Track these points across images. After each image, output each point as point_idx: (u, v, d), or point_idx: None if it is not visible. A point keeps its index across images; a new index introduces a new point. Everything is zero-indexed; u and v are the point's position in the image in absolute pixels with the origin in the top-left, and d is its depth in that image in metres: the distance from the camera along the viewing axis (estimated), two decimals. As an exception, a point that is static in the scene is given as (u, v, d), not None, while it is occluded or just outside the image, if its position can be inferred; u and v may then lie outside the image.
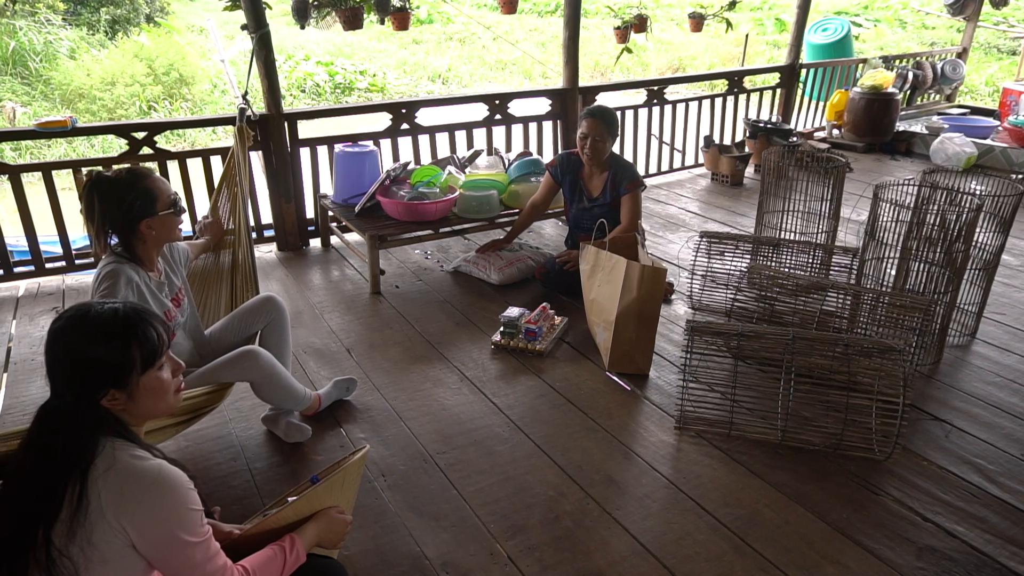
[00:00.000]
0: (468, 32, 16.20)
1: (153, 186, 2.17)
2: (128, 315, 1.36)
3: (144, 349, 1.36)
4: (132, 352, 1.34)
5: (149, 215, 2.15)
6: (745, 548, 2.08)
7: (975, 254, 3.14)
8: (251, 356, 2.32)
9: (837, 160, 3.67)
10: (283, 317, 2.62)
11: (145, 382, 1.37)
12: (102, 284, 2.08)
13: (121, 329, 1.34)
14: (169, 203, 2.20)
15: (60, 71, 10.81)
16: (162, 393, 1.41)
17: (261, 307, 2.59)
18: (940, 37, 14.87)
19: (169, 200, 2.20)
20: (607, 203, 3.60)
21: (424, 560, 2.04)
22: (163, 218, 2.18)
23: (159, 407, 1.43)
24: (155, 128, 4.06)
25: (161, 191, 2.19)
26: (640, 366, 3.00)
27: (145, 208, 2.14)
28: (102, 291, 2.06)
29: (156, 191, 2.17)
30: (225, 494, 2.29)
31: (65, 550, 1.23)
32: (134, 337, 1.35)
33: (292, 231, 4.46)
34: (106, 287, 2.07)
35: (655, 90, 5.80)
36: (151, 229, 2.17)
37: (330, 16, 4.39)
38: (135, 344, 1.35)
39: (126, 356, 1.34)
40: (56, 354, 1.34)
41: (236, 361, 2.30)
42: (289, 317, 2.66)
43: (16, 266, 3.92)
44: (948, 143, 6.07)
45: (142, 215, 2.14)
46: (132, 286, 2.12)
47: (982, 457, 2.48)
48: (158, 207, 2.17)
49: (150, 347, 1.36)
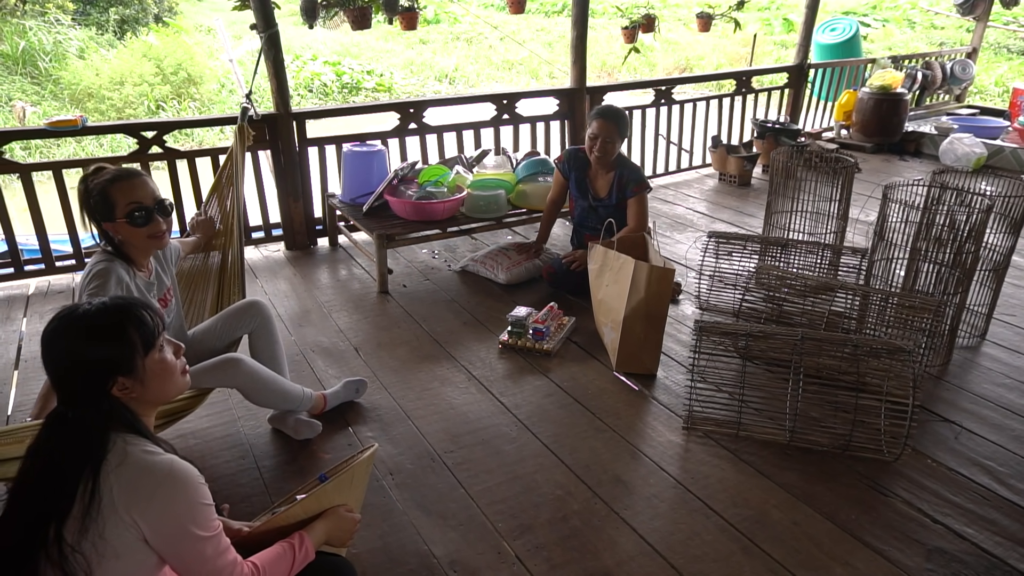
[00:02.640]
0: (475, 32, 16.21)
1: (114, 192, 2.10)
2: (117, 305, 1.38)
3: (141, 331, 1.37)
4: (131, 336, 1.36)
5: (108, 220, 2.12)
6: (753, 548, 2.07)
7: (985, 255, 3.12)
8: (233, 363, 2.30)
9: (846, 160, 3.66)
10: (269, 321, 2.58)
11: (150, 364, 1.38)
12: (92, 282, 2.06)
13: (114, 320, 1.35)
14: (127, 211, 2.11)
15: (69, 71, 10.86)
16: (169, 374, 1.43)
17: (245, 311, 2.56)
18: (949, 37, 14.80)
19: (128, 208, 2.11)
20: (612, 204, 3.59)
21: (432, 558, 2.04)
22: (120, 225, 2.13)
23: (169, 388, 1.44)
24: (164, 127, 4.08)
25: (120, 199, 2.10)
26: (648, 366, 3.00)
27: (103, 213, 2.11)
28: (91, 289, 2.05)
29: (114, 198, 2.10)
30: (233, 492, 2.30)
31: (77, 546, 1.24)
32: (130, 322, 1.36)
33: (300, 230, 4.47)
34: (95, 286, 2.05)
35: (663, 90, 5.79)
36: (116, 233, 2.14)
37: (338, 16, 4.40)
38: (132, 328, 1.36)
39: (126, 342, 1.35)
40: (55, 360, 1.35)
41: (218, 368, 2.28)
42: (280, 320, 2.62)
43: (26, 264, 3.94)
44: (957, 144, 6.04)
45: (103, 218, 2.12)
46: (122, 286, 2.11)
47: (992, 459, 2.47)
48: (115, 214, 2.11)
49: (147, 329, 1.38)
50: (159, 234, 2.20)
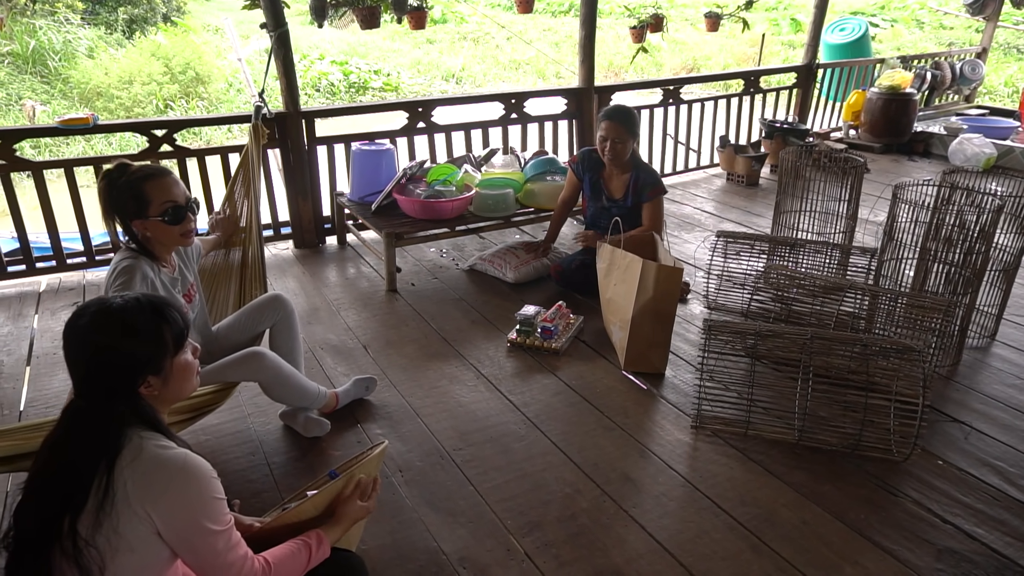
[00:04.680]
0: (482, 32, 16.22)
1: (149, 190, 2.11)
2: (152, 302, 1.39)
3: (174, 332, 1.38)
4: (164, 336, 1.37)
5: (140, 217, 2.13)
6: (762, 547, 2.07)
7: (995, 256, 3.11)
8: (257, 357, 2.32)
9: (855, 160, 3.65)
10: (291, 316, 2.61)
11: (176, 365, 1.40)
12: (118, 279, 2.08)
13: (150, 317, 1.36)
14: (163, 210, 2.12)
15: (79, 70, 10.92)
16: (189, 374, 1.45)
17: (268, 305, 2.59)
18: (958, 37, 14.72)
19: (163, 207, 2.12)
20: (627, 206, 3.57)
21: (441, 555, 2.05)
22: (153, 223, 2.14)
23: (186, 388, 1.46)
24: (175, 126, 4.10)
25: (155, 196, 2.12)
26: (656, 365, 3.00)
27: (136, 210, 2.12)
28: (117, 286, 2.07)
29: (149, 195, 2.11)
30: (244, 488, 2.31)
31: (91, 540, 1.25)
32: (164, 322, 1.37)
33: (309, 228, 4.48)
34: (121, 282, 2.07)
35: (671, 90, 5.78)
36: (145, 230, 2.16)
37: (347, 15, 4.42)
38: (166, 327, 1.37)
39: (160, 341, 1.36)
40: (84, 354, 1.34)
41: (242, 362, 2.30)
42: (297, 315, 2.65)
43: (38, 261, 3.96)
44: (967, 144, 6.01)
45: (133, 216, 2.13)
46: (147, 282, 2.13)
47: (1002, 459, 2.47)
48: (149, 211, 2.12)
49: (177, 328, 1.39)
50: (190, 231, 2.23)
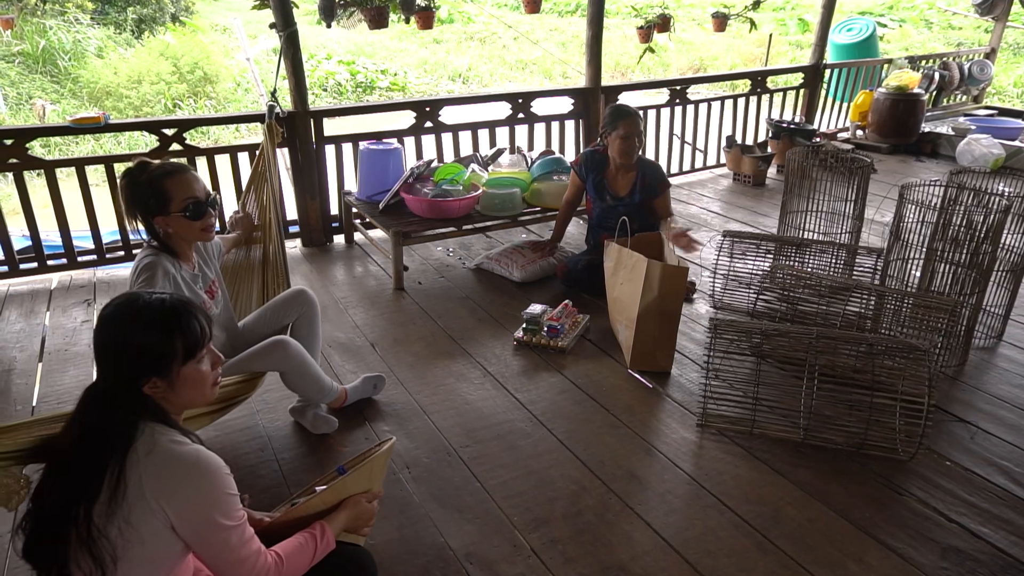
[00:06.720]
0: (488, 32, 16.24)
1: (170, 186, 2.13)
2: (174, 306, 1.40)
3: (187, 340, 1.40)
4: (175, 342, 1.38)
5: (162, 214, 2.16)
6: (767, 545, 2.08)
7: (1002, 256, 3.11)
8: (282, 346, 2.36)
9: (862, 160, 3.65)
10: (314, 309, 2.66)
11: (186, 373, 1.41)
12: (140, 276, 2.12)
13: (166, 318, 1.38)
14: (184, 206, 2.15)
15: (88, 69, 10.99)
16: (201, 385, 1.45)
17: (294, 299, 2.64)
18: (967, 37, 14.66)
19: (185, 203, 2.15)
20: (635, 203, 3.60)
21: (448, 550, 2.07)
22: (175, 219, 2.16)
23: (196, 398, 1.47)
24: (185, 125, 4.13)
25: (177, 193, 2.14)
26: (662, 364, 3.01)
27: (158, 207, 2.15)
28: (140, 283, 2.10)
29: (171, 192, 2.13)
30: (253, 483, 2.34)
31: (104, 530, 1.28)
32: (178, 328, 1.39)
33: (316, 227, 4.51)
34: (144, 279, 2.10)
35: (678, 90, 5.79)
36: (167, 226, 2.18)
37: (355, 15, 4.44)
38: (178, 334, 1.39)
39: (169, 345, 1.38)
40: (105, 340, 1.38)
41: (267, 351, 2.34)
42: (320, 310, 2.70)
43: (49, 259, 4.00)
44: (975, 144, 6.00)
45: (155, 212, 2.16)
46: (169, 278, 2.16)
47: (1008, 459, 2.47)
48: (171, 208, 2.15)
49: (192, 338, 1.40)
50: (210, 227, 2.26)
